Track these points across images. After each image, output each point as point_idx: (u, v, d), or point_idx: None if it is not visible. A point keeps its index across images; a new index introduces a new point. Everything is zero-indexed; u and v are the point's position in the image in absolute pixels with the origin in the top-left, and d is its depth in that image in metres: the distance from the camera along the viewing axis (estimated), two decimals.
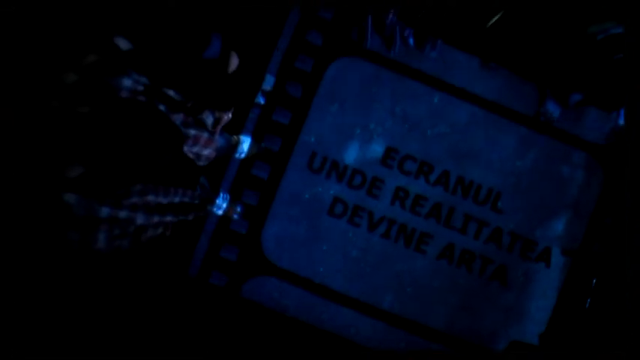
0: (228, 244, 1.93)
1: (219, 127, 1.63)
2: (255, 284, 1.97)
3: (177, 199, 1.52)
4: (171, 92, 1.37)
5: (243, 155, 1.94)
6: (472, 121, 1.94)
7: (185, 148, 1.44)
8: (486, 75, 1.93)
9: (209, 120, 1.57)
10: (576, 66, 1.92)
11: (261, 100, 1.95)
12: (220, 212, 1.90)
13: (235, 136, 1.86)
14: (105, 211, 1.28)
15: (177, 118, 1.39)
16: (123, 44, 1.37)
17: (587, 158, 1.95)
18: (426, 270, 1.94)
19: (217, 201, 1.88)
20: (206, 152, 1.56)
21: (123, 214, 1.33)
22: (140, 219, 1.37)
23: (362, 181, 1.95)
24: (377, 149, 1.94)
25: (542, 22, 1.96)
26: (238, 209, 1.92)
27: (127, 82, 1.28)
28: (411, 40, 1.89)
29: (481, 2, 1.91)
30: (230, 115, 1.74)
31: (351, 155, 1.94)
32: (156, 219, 1.42)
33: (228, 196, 1.92)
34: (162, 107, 1.32)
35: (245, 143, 1.92)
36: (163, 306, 1.85)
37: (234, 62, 1.62)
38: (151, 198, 1.40)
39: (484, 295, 1.95)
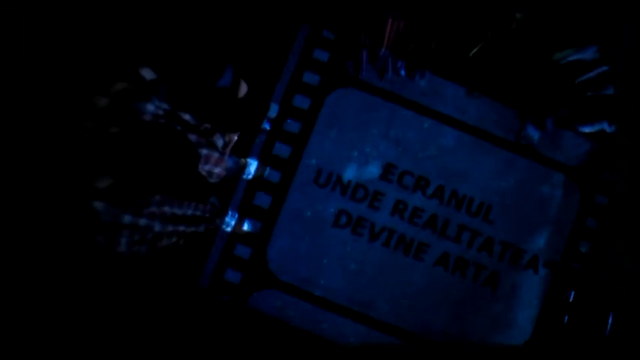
0: (235, 260, 2.03)
1: (228, 149, 1.79)
2: (262, 295, 2.11)
3: (189, 212, 1.67)
4: (187, 116, 1.55)
5: (250, 177, 2.09)
6: (459, 145, 2.08)
7: (199, 167, 1.61)
8: (471, 102, 2.07)
9: (219, 142, 1.73)
10: (549, 91, 2.08)
11: (267, 126, 2.13)
12: (229, 229, 2.04)
13: (243, 159, 2.01)
14: (127, 218, 1.43)
15: (192, 138, 1.56)
16: (147, 74, 1.56)
17: (565, 179, 2.06)
18: (424, 276, 2.05)
19: (226, 219, 2.03)
20: (217, 170, 1.71)
21: (142, 221, 1.48)
22: (157, 227, 1.52)
23: (365, 195, 2.08)
24: (373, 170, 2.08)
25: (518, 51, 2.09)
26: (245, 226, 2.06)
27: (150, 107, 1.46)
28: (402, 71, 2.04)
29: (463, 35, 2.10)
30: (236, 138, 1.90)
31: (349, 174, 2.09)
32: (170, 228, 1.57)
33: (237, 214, 2.06)
34: (179, 129, 1.50)
35: (252, 166, 2.08)
36: (174, 313, 1.96)
37: (243, 90, 1.79)
38: (167, 209, 1.56)
39: (477, 300, 2.05)
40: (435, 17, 2.05)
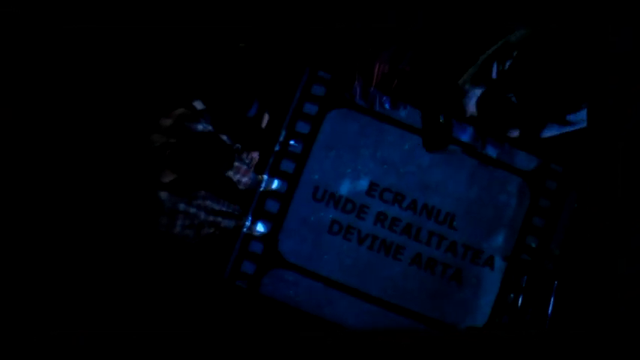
0: (250, 254, 2.46)
1: (252, 164, 2.30)
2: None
3: (224, 208, 2.17)
4: (224, 137, 2.07)
5: (262, 189, 2.59)
6: (433, 162, 2.54)
7: (231, 174, 2.11)
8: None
9: (247, 158, 2.23)
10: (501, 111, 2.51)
11: (277, 148, 2.61)
12: (245, 230, 2.50)
13: (260, 175, 2.48)
14: (182, 206, 1.96)
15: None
16: (198, 105, 2.09)
17: (520, 182, 2.53)
18: (402, 273, 2.49)
19: (246, 222, 2.50)
20: (244, 180, 2.22)
21: (192, 210, 2.01)
22: (202, 216, 2.04)
23: (352, 208, 2.53)
24: (363, 183, 2.53)
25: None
26: (258, 228, 2.52)
27: (199, 127, 1.98)
28: (387, 105, 2.52)
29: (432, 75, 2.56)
30: (258, 156, 2.40)
31: (344, 188, 2.54)
32: (211, 218, 2.08)
33: (251, 219, 2.53)
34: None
35: (265, 181, 2.57)
36: (204, 296, 2.34)
37: (265, 120, 2.32)
38: (209, 202, 2.07)
39: (446, 292, 2.48)
40: (416, 60, 2.52)
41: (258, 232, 2.44)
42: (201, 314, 2.27)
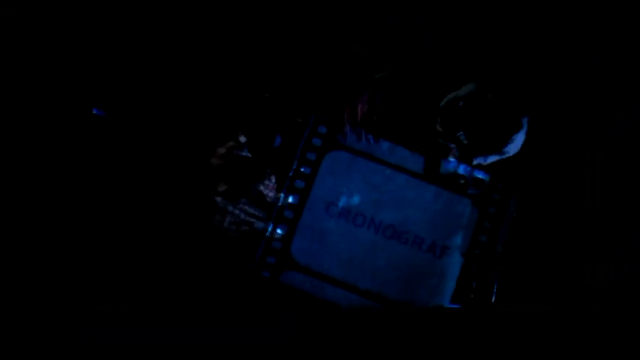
0: (271, 250, 3.05)
1: (275, 183, 3.05)
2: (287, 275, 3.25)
3: (257, 213, 2.91)
4: (258, 161, 2.85)
5: (281, 202, 3.33)
6: (407, 184, 3.11)
7: (262, 189, 2.87)
8: (413, 157, 3.10)
9: (272, 178, 2.99)
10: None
11: (291, 173, 3.38)
12: (267, 234, 3.23)
13: (279, 193, 3.09)
14: (230, 207, 2.68)
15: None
16: (242, 139, 2.88)
17: (470, 203, 3.15)
18: (385, 267, 3.07)
19: (269, 226, 3.22)
20: (270, 194, 2.97)
21: (236, 211, 2.72)
22: (242, 216, 2.78)
23: (348, 216, 3.12)
24: (356, 199, 3.12)
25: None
26: (278, 230, 3.25)
27: (243, 154, 2.78)
28: (372, 140, 3.06)
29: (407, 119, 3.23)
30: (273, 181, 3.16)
31: (341, 203, 3.17)
32: (248, 219, 2.81)
33: (272, 225, 3.25)
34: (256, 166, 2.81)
35: (282, 197, 3.15)
36: (235, 283, 2.97)
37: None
38: (247, 207, 2.80)
39: (418, 281, 3.11)
40: (388, 100, 2.96)
41: (277, 234, 3.00)
42: (236, 292, 2.93)
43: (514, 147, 2.77)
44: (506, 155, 2.82)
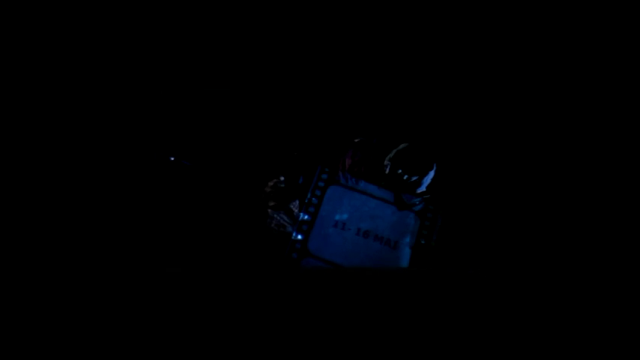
0: (295, 247, 4.53)
1: (298, 205, 4.88)
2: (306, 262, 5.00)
3: (289, 222, 4.73)
4: (291, 191, 4.74)
5: (300, 219, 5.12)
6: (376, 206, 3.97)
7: (292, 207, 4.84)
8: (380, 190, 4.01)
9: (297, 202, 4.84)
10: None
11: (305, 200, 5.22)
12: (293, 236, 4.87)
13: (299, 212, 4.09)
14: (275, 215, 4.44)
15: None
16: (282, 178, 4.55)
17: (414, 216, 4.75)
18: (366, 254, 4.80)
19: (294, 232, 5.03)
20: (296, 211, 4.86)
21: (278, 218, 4.60)
22: (281, 221, 4.68)
23: (342, 226, 4.15)
24: (345, 216, 4.60)
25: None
26: (299, 237, 5.11)
27: (282, 186, 4.72)
28: (354, 180, 3.91)
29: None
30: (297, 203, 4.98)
31: (337, 217, 5.06)
32: (284, 224, 4.69)
33: (295, 232, 5.00)
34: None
35: (302, 214, 4.67)
36: (274, 265, 4.28)
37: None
38: (284, 217, 4.59)
39: (385, 259, 4.49)
40: (362, 157, 4.24)
41: (298, 238, 4.54)
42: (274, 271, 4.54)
43: (427, 180, 4.02)
44: (425, 185, 4.10)
